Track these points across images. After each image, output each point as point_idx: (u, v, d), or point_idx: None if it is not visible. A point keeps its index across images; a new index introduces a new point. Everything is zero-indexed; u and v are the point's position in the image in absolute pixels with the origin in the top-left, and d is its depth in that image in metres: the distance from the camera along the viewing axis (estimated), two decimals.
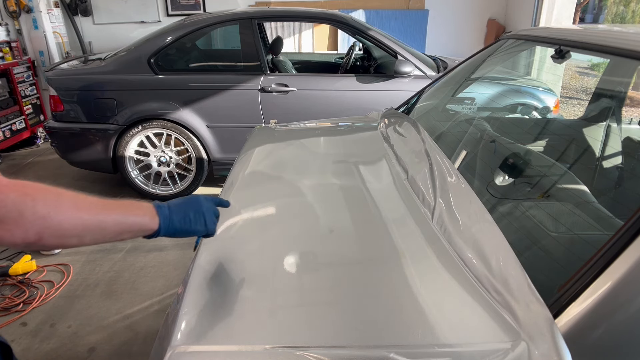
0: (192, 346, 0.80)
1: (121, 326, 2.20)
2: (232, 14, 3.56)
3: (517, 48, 1.97)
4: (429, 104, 2.19)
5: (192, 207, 0.90)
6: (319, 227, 1.23)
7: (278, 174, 1.60)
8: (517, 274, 0.89)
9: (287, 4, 6.29)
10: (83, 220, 0.68)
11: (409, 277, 0.99)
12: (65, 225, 0.66)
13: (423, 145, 1.53)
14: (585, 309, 0.78)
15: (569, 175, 1.44)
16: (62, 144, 3.49)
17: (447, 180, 1.28)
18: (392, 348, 0.78)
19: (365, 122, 2.18)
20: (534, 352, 0.75)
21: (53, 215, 0.64)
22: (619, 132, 1.86)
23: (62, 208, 0.66)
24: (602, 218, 1.19)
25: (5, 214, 0.60)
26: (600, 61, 4.19)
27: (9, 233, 0.61)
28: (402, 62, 3.34)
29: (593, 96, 2.17)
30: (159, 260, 2.77)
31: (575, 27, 1.70)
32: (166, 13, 6.42)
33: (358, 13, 6.44)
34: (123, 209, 0.77)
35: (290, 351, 0.78)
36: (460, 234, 1.07)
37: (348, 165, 1.63)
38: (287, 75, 3.52)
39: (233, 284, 0.99)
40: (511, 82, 3.28)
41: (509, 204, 1.34)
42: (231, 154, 3.46)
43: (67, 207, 0.67)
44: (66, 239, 0.67)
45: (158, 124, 3.40)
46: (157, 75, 3.38)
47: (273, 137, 2.02)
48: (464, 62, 2.16)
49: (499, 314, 0.85)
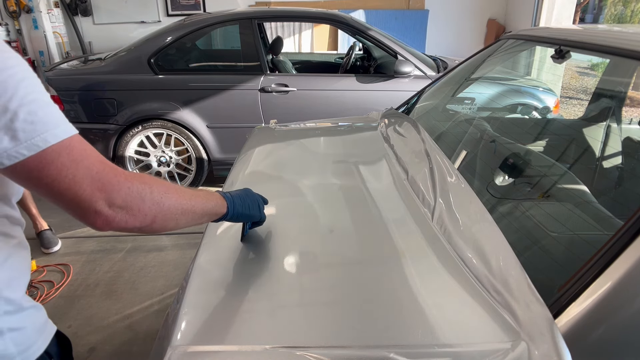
0: (192, 346, 0.80)
1: (121, 326, 2.20)
2: (232, 14, 3.56)
3: (517, 48, 1.97)
4: (429, 104, 2.19)
5: (248, 195, 1.04)
6: (319, 227, 1.23)
7: (278, 174, 1.60)
8: (517, 274, 0.89)
9: (287, 4, 6.29)
10: (182, 205, 0.77)
11: (409, 277, 0.99)
12: (172, 210, 0.74)
13: (423, 145, 1.53)
14: (585, 309, 0.78)
15: (569, 175, 1.44)
16: None
17: (447, 180, 1.28)
18: (392, 348, 0.78)
19: (365, 122, 2.18)
20: (534, 352, 0.75)
21: (165, 201, 0.72)
22: (619, 132, 1.86)
23: (170, 194, 0.74)
24: (602, 218, 1.19)
25: (131, 200, 0.67)
26: (600, 61, 4.20)
27: (132, 218, 0.67)
28: (402, 62, 3.34)
29: (593, 96, 2.17)
30: (159, 260, 2.77)
31: (575, 27, 1.70)
32: (166, 13, 6.43)
33: (358, 13, 6.44)
34: (204, 196, 0.86)
35: (290, 351, 0.78)
36: (460, 234, 1.07)
37: (348, 165, 1.63)
38: (287, 75, 3.52)
39: (233, 284, 0.99)
40: (511, 82, 3.28)
41: (509, 204, 1.34)
42: (231, 154, 3.46)
43: (173, 194, 0.75)
44: (169, 222, 0.75)
45: (158, 124, 3.40)
46: (157, 75, 3.38)
47: (273, 137, 2.02)
48: (464, 62, 2.16)
49: (499, 314, 0.85)
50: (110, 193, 0.64)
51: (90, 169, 0.63)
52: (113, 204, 0.65)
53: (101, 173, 0.64)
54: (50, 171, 0.61)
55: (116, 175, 0.66)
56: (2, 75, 0.58)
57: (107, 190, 0.64)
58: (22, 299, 0.75)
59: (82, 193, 0.62)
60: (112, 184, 0.65)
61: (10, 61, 0.60)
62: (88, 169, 0.63)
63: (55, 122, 0.62)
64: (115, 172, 0.66)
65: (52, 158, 0.61)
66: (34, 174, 0.61)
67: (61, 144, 0.61)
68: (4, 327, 0.71)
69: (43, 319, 0.81)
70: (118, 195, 0.65)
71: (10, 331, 0.72)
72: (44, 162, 0.60)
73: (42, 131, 0.60)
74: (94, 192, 0.63)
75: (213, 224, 1.20)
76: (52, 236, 2.93)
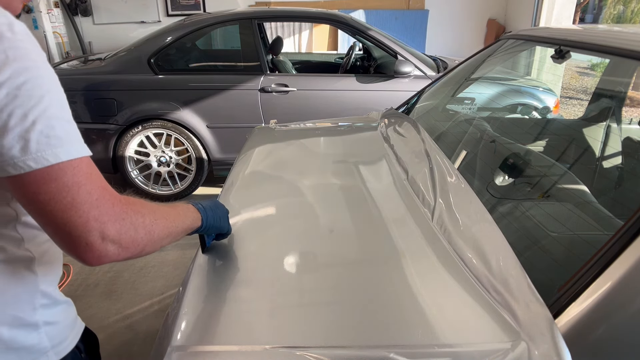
0: (192, 346, 0.80)
1: (121, 326, 2.20)
2: (232, 14, 3.56)
3: (517, 48, 1.97)
4: (429, 104, 2.19)
5: (218, 208, 1.04)
6: (319, 227, 1.23)
7: (278, 174, 1.60)
8: (517, 274, 0.89)
9: (287, 4, 6.29)
10: (168, 229, 0.75)
11: (409, 277, 0.99)
12: (160, 236, 0.72)
13: (423, 145, 1.53)
14: (585, 309, 0.78)
15: (569, 175, 1.44)
16: None
17: (447, 180, 1.29)
18: (392, 348, 0.78)
19: (365, 122, 2.18)
20: (534, 352, 0.75)
21: (154, 229, 0.70)
22: (619, 132, 1.86)
23: (158, 221, 0.72)
24: (602, 218, 1.19)
25: (125, 233, 0.64)
26: (600, 61, 4.20)
27: (124, 251, 0.65)
28: (402, 62, 3.34)
29: (593, 96, 2.17)
30: (159, 260, 2.77)
31: (575, 27, 1.70)
32: (166, 13, 6.43)
33: (358, 13, 6.44)
34: (183, 213, 0.85)
35: (290, 351, 0.78)
36: (460, 234, 1.07)
37: (348, 165, 1.63)
38: (287, 75, 3.52)
39: (233, 284, 0.99)
40: (511, 82, 3.28)
41: (509, 204, 1.34)
42: (231, 154, 3.46)
43: (160, 220, 0.73)
44: (155, 248, 0.72)
45: (158, 124, 3.40)
46: (157, 75, 3.38)
47: (273, 137, 2.02)
48: (464, 62, 2.16)
49: (499, 314, 0.85)
50: (106, 224, 0.61)
51: (90, 194, 0.61)
52: (106, 237, 0.62)
53: (100, 200, 0.62)
54: (49, 188, 0.58)
55: (114, 205, 0.63)
56: (30, 83, 0.57)
57: (102, 220, 0.61)
58: (56, 293, 0.77)
59: (77, 219, 0.59)
60: (108, 214, 0.62)
61: (42, 71, 0.59)
62: (89, 193, 0.61)
63: (70, 140, 0.60)
64: (114, 202, 0.63)
65: (57, 176, 0.59)
66: (31, 188, 0.58)
67: (70, 162, 0.59)
68: (39, 320, 0.72)
69: (74, 314, 0.83)
70: (112, 227, 0.62)
71: (45, 325, 0.73)
72: (47, 178, 0.58)
73: (56, 146, 0.58)
74: (89, 221, 0.60)
75: None
76: None
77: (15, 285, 0.69)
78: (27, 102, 0.57)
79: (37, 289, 0.72)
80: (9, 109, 0.56)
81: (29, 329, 0.71)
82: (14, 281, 0.69)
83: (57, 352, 0.76)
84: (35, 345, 0.72)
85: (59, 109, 0.60)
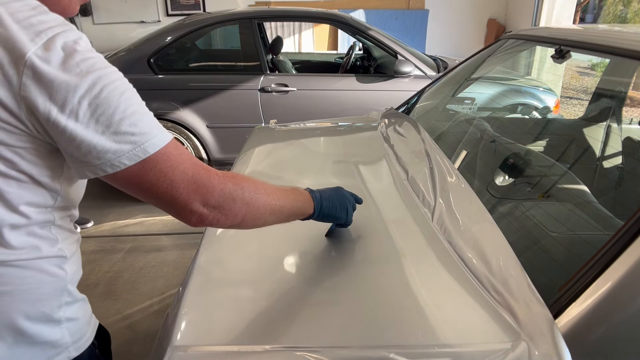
0: (192, 346, 0.80)
1: (121, 326, 2.20)
2: (232, 14, 3.56)
3: (517, 48, 1.97)
4: (429, 104, 2.19)
5: (339, 197, 1.04)
6: (319, 227, 1.22)
7: (278, 174, 1.60)
8: (517, 274, 0.89)
9: (287, 4, 6.29)
10: (271, 205, 0.81)
11: (409, 277, 0.99)
12: (261, 209, 0.78)
13: (423, 145, 1.53)
14: (585, 309, 0.78)
15: (569, 175, 1.44)
16: None
17: (447, 180, 1.28)
18: (392, 348, 0.78)
19: (365, 122, 2.18)
20: (534, 352, 0.75)
21: (254, 201, 0.76)
22: (619, 132, 1.86)
23: (259, 194, 0.78)
24: (602, 218, 1.19)
25: (224, 200, 0.72)
26: (600, 61, 4.20)
27: (224, 217, 0.73)
28: (402, 62, 3.34)
29: (593, 96, 2.17)
30: (158, 260, 2.77)
31: (575, 27, 1.70)
32: (166, 13, 6.42)
33: (358, 13, 6.44)
34: (293, 195, 0.90)
35: (290, 351, 0.78)
36: (460, 234, 1.07)
37: (348, 165, 1.63)
38: (287, 75, 3.52)
39: (233, 284, 0.99)
40: (511, 82, 3.28)
41: (509, 204, 1.34)
42: (231, 154, 3.45)
43: (262, 194, 0.79)
44: (257, 221, 0.79)
45: None
46: (157, 75, 3.38)
47: (273, 137, 2.02)
48: (464, 62, 2.16)
49: (499, 314, 0.85)
50: (205, 194, 0.69)
51: (186, 173, 0.68)
52: (207, 204, 0.70)
53: (196, 176, 0.69)
54: (149, 177, 0.66)
55: (210, 177, 0.70)
56: (106, 90, 0.62)
57: (202, 192, 0.69)
58: (76, 291, 0.81)
59: (180, 195, 0.68)
60: (206, 186, 0.70)
61: (112, 75, 0.64)
62: (184, 173, 0.68)
63: (153, 132, 0.66)
64: (209, 174, 0.71)
65: (151, 166, 0.66)
66: (134, 180, 0.66)
67: (159, 152, 0.66)
68: (63, 316, 0.76)
69: (90, 311, 0.86)
70: (212, 196, 0.70)
71: (67, 321, 0.77)
72: (144, 170, 0.65)
73: (142, 142, 0.64)
74: (190, 194, 0.68)
75: None
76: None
77: (48, 283, 0.73)
78: (108, 109, 0.62)
79: (65, 287, 0.76)
80: (95, 118, 0.62)
81: (53, 324, 0.75)
82: (48, 279, 0.73)
83: (77, 347, 0.79)
84: (58, 341, 0.75)
85: (137, 106, 0.66)
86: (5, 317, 0.70)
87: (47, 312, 0.73)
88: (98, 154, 0.63)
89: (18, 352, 0.71)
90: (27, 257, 0.69)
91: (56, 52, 0.60)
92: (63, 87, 0.60)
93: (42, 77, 0.59)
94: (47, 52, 0.60)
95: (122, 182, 0.67)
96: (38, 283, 0.71)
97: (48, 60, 0.60)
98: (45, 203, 0.70)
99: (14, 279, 0.69)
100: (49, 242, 0.73)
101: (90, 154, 0.63)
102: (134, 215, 3.22)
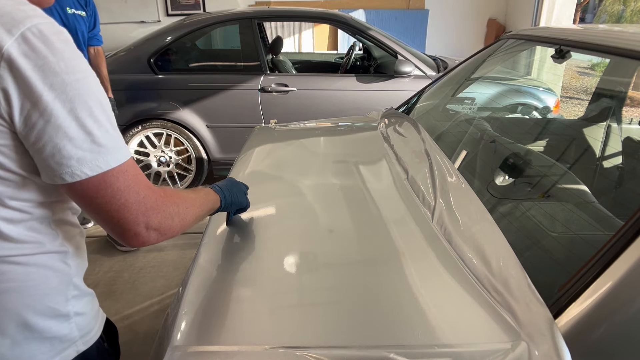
0: (192, 346, 0.80)
1: (121, 326, 2.19)
2: (232, 14, 3.56)
3: (517, 48, 1.97)
4: (429, 104, 2.19)
5: (233, 185, 1.11)
6: (319, 227, 1.22)
7: (278, 174, 1.60)
8: (517, 274, 0.89)
9: (287, 4, 6.29)
10: (196, 214, 0.84)
11: (409, 277, 0.99)
12: (191, 221, 0.80)
13: (423, 145, 1.53)
14: (585, 309, 0.78)
15: (569, 175, 1.44)
16: None
17: (447, 180, 1.28)
18: (392, 348, 0.78)
19: (365, 122, 2.18)
20: (534, 352, 0.75)
21: (187, 216, 0.78)
22: (619, 132, 1.86)
23: (189, 209, 0.80)
24: (602, 218, 1.19)
25: (164, 222, 0.72)
26: (600, 61, 4.20)
27: (162, 237, 0.73)
28: (402, 62, 3.34)
29: (593, 96, 2.18)
30: (158, 260, 2.76)
31: (575, 27, 1.70)
32: (166, 13, 6.42)
33: (358, 13, 6.44)
34: (205, 197, 0.93)
35: (290, 351, 0.78)
36: (460, 234, 1.07)
37: (348, 165, 1.63)
38: (287, 75, 3.52)
39: (233, 284, 0.99)
40: (511, 82, 3.28)
41: (509, 204, 1.34)
42: (231, 154, 3.46)
43: (191, 208, 0.81)
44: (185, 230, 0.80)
45: (158, 124, 3.40)
46: (157, 75, 3.38)
47: (273, 137, 2.02)
48: (464, 62, 2.16)
49: (499, 314, 0.85)
50: (150, 217, 0.70)
51: (138, 194, 0.68)
52: (149, 227, 0.70)
53: (146, 198, 0.69)
54: (105, 192, 0.65)
55: (156, 199, 0.71)
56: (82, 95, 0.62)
57: (148, 214, 0.69)
58: (83, 285, 0.81)
59: (129, 216, 0.68)
60: (152, 208, 0.70)
61: (88, 81, 0.64)
62: (137, 194, 0.68)
63: (118, 146, 0.66)
64: (156, 197, 0.71)
65: (111, 181, 0.65)
66: (90, 193, 0.65)
67: (120, 167, 0.66)
68: (71, 311, 0.77)
69: (97, 305, 0.87)
70: (155, 218, 0.70)
71: (76, 315, 0.78)
72: (102, 184, 0.65)
73: (106, 153, 0.64)
74: (138, 215, 0.68)
75: (213, 223, 1.20)
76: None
77: (52, 277, 0.73)
78: (80, 113, 0.62)
79: (70, 280, 0.77)
80: (64, 120, 0.61)
81: (61, 319, 0.75)
82: (52, 274, 0.73)
83: (85, 341, 0.80)
84: (66, 335, 0.76)
85: (106, 117, 0.66)
86: (14, 314, 0.70)
87: (55, 307, 0.74)
88: (61, 159, 0.62)
89: (28, 349, 0.72)
90: (29, 252, 0.70)
91: (34, 45, 0.59)
92: (39, 85, 0.59)
93: (18, 71, 0.59)
94: (25, 45, 0.59)
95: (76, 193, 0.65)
96: (43, 278, 0.72)
97: (26, 54, 0.59)
98: (39, 199, 0.70)
99: (18, 276, 0.69)
100: (50, 236, 0.73)
101: (53, 158, 0.62)
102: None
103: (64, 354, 0.76)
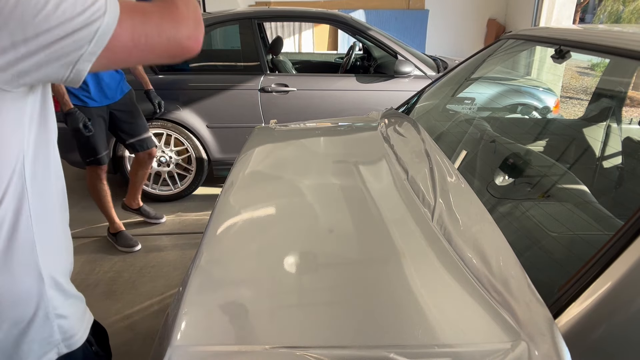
0: (192, 346, 0.80)
1: (121, 326, 2.20)
2: (232, 14, 3.56)
3: (517, 48, 1.97)
4: (429, 104, 2.19)
5: None
6: (319, 227, 1.22)
7: (278, 174, 1.60)
8: (517, 274, 0.89)
9: (287, 4, 6.29)
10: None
11: (409, 277, 0.99)
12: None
13: (423, 145, 1.53)
14: (585, 309, 0.78)
15: (569, 176, 1.44)
16: (62, 145, 3.47)
17: (447, 180, 1.28)
18: (392, 348, 0.78)
19: (365, 122, 2.18)
20: (534, 352, 0.75)
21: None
22: (619, 132, 1.86)
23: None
24: (602, 218, 1.19)
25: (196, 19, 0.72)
26: (600, 61, 4.20)
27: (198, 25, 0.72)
28: (402, 62, 3.34)
29: (593, 96, 2.18)
30: (158, 260, 2.77)
31: (575, 27, 1.70)
32: None
33: (358, 13, 6.45)
34: None
35: (290, 351, 0.78)
36: (460, 234, 1.07)
37: (348, 165, 1.63)
38: (287, 75, 3.52)
39: (233, 284, 0.99)
40: (511, 82, 3.28)
41: (509, 204, 1.34)
42: (231, 154, 3.46)
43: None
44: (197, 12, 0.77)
45: (158, 124, 3.40)
46: (157, 75, 3.38)
47: (273, 137, 2.02)
48: (464, 62, 2.16)
49: (499, 314, 0.85)
50: (178, 30, 0.70)
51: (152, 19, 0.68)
52: (190, 36, 0.71)
53: (160, 18, 0.68)
54: (126, 49, 0.65)
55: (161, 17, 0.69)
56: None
57: (177, 28, 0.70)
58: (68, 287, 0.79)
59: (166, 43, 0.68)
60: (171, 20, 0.69)
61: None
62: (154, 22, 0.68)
63: (111, 8, 0.63)
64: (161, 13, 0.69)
65: (117, 41, 0.64)
66: (120, 55, 0.66)
67: (118, 23, 0.63)
68: (51, 313, 0.74)
69: (83, 308, 0.84)
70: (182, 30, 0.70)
71: (57, 318, 0.75)
72: (116, 47, 0.64)
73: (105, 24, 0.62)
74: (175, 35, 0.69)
75: (213, 223, 1.20)
76: (130, 236, 2.91)
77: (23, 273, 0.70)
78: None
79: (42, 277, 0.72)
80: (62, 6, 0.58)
81: (42, 321, 0.73)
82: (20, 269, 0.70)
83: (68, 345, 0.78)
84: (46, 338, 0.74)
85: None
86: None
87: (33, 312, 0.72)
88: (74, 43, 0.60)
89: (6, 349, 0.71)
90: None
91: None
92: None
93: None
94: None
95: (118, 50, 0.65)
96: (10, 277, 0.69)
97: None
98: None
99: None
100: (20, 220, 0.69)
101: (69, 39, 0.60)
102: (133, 215, 3.22)
103: (45, 357, 0.75)
